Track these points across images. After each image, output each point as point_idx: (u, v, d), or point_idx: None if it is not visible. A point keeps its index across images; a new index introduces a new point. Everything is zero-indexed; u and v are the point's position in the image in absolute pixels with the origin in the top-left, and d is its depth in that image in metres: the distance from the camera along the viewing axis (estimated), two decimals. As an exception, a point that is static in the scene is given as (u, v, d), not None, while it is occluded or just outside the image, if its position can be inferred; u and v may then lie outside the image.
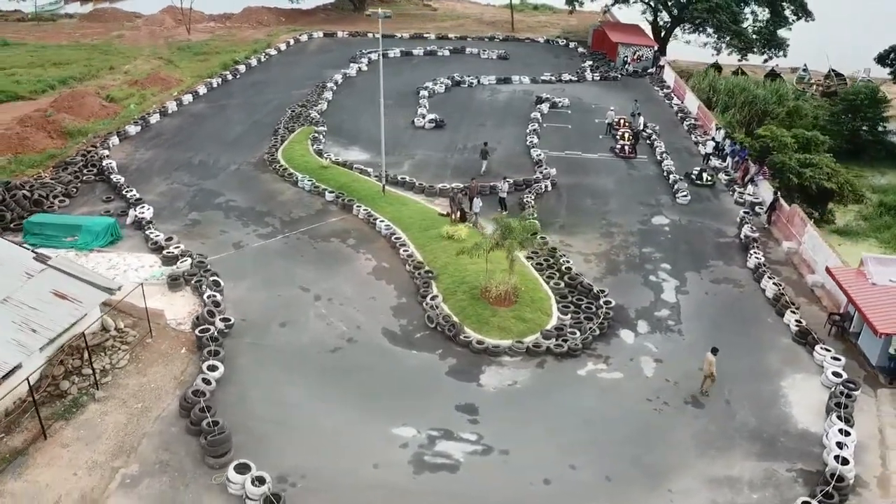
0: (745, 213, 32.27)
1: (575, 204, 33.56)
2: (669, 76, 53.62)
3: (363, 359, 22.37)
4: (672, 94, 50.50)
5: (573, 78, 53.65)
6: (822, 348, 22.76)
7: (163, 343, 22.60)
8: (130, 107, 44.25)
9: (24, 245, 26.87)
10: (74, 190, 32.58)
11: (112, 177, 33.45)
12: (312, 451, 18.60)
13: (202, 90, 47.90)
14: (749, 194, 33.75)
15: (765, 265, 27.81)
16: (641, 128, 42.19)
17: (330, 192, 33.05)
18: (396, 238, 29.14)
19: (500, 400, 20.89)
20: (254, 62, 55.56)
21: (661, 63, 56.23)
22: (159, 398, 20.17)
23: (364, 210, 31.44)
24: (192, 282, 25.34)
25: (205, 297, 24.21)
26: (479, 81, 52.12)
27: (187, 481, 17.50)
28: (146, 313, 22.89)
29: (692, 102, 47.50)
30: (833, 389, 20.98)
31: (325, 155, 37.03)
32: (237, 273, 26.64)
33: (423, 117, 42.99)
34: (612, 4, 67.31)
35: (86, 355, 20.79)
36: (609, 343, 23.57)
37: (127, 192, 31.87)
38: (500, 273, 24.73)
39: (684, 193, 34.06)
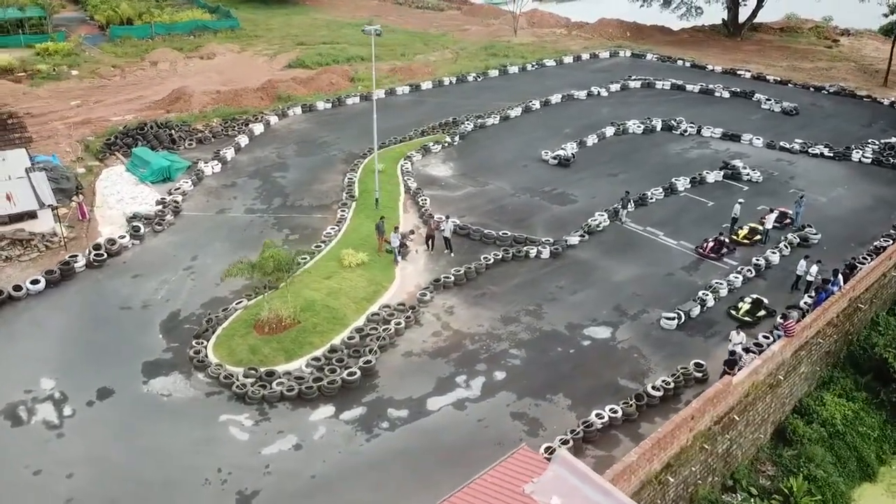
0: (696, 364, 23.19)
1: (539, 282, 28.42)
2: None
3: (127, 322, 25.22)
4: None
5: (828, 153, 41.33)
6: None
7: (66, 256, 29.17)
8: (358, 88, 51.43)
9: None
10: (210, 139, 41.29)
11: (237, 137, 41.09)
12: (-16, 362, 23.03)
13: (426, 86, 52.17)
14: (737, 344, 23.58)
15: (574, 431, 20.40)
16: (767, 228, 31.67)
17: (349, 192, 34.81)
18: (317, 247, 29.90)
19: (136, 401, 21.64)
20: (514, 70, 57.10)
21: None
22: (-1, 288, 26.84)
23: (342, 215, 32.59)
24: (133, 223, 31.18)
25: (115, 235, 29.90)
26: (698, 132, 44.47)
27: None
28: (62, 232, 29.85)
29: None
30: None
31: (404, 162, 38.22)
32: (183, 229, 31.58)
33: (551, 152, 39.84)
34: None
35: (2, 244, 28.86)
36: (296, 409, 21.51)
37: (225, 150, 39.06)
38: (280, 301, 24.32)
39: (671, 317, 25.70)
